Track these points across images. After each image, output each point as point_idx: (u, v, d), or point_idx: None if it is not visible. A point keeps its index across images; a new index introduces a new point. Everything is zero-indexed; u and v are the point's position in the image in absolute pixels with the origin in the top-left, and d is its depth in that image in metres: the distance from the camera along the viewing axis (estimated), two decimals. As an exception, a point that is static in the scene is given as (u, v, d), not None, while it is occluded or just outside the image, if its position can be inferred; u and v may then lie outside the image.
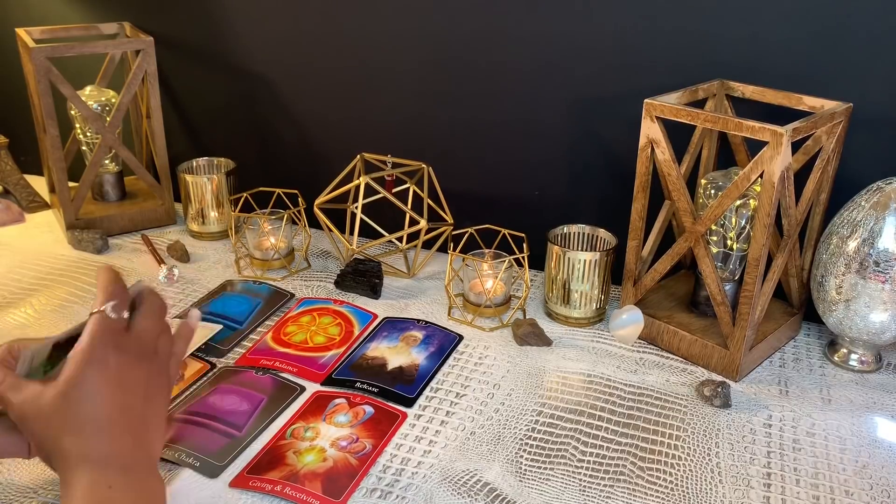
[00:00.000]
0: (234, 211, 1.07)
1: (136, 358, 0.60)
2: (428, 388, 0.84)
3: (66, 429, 0.56)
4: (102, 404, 0.57)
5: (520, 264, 0.98)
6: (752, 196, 0.86)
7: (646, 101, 0.83)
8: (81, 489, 0.55)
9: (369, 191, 1.05)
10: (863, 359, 0.88)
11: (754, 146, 0.87)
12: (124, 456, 0.57)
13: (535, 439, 0.76)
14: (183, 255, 1.10)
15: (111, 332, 0.59)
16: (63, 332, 0.63)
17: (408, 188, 1.06)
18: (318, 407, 0.80)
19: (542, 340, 0.92)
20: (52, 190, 1.21)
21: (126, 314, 0.60)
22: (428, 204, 1.03)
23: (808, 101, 0.86)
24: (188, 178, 1.14)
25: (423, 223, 1.01)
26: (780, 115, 0.86)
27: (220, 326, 0.93)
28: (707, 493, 0.70)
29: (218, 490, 0.69)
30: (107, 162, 1.21)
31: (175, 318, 0.95)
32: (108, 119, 1.14)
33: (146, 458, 0.59)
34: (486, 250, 0.99)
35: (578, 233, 1.00)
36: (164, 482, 0.64)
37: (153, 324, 0.62)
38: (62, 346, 0.62)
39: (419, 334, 0.93)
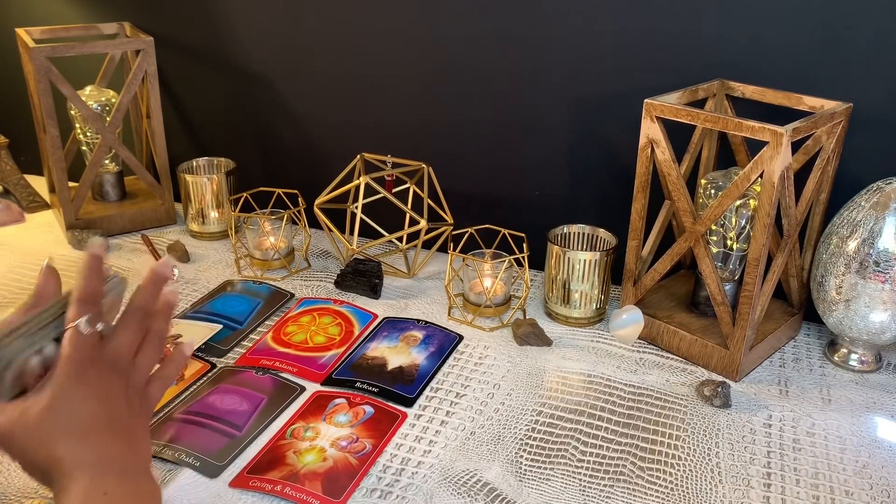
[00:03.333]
0: (234, 211, 1.07)
1: (112, 371, 0.60)
2: (428, 388, 0.84)
3: (58, 436, 0.56)
4: (90, 412, 0.57)
5: (520, 264, 0.98)
6: (752, 196, 0.86)
7: (646, 101, 0.83)
8: (77, 497, 0.54)
9: (369, 191, 1.05)
10: (863, 359, 0.88)
11: (754, 146, 0.87)
12: (118, 461, 0.57)
13: (535, 439, 0.76)
14: (183, 255, 1.10)
15: (87, 346, 0.59)
16: (35, 326, 0.60)
17: (408, 188, 1.06)
18: (318, 407, 0.80)
19: (542, 340, 0.92)
20: (52, 190, 1.21)
21: (100, 326, 0.60)
22: (428, 204, 1.03)
23: (808, 101, 0.86)
24: (188, 178, 1.14)
25: (423, 223, 1.01)
26: (780, 115, 0.86)
27: (220, 326, 0.93)
28: (707, 493, 0.70)
29: (218, 490, 0.69)
30: (107, 162, 1.21)
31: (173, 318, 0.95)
32: (108, 119, 1.14)
33: (139, 462, 0.59)
34: (486, 250, 0.99)
35: (578, 233, 1.00)
36: (160, 485, 0.63)
37: (130, 338, 0.62)
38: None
39: (419, 334, 0.93)
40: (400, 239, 1.04)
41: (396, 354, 0.89)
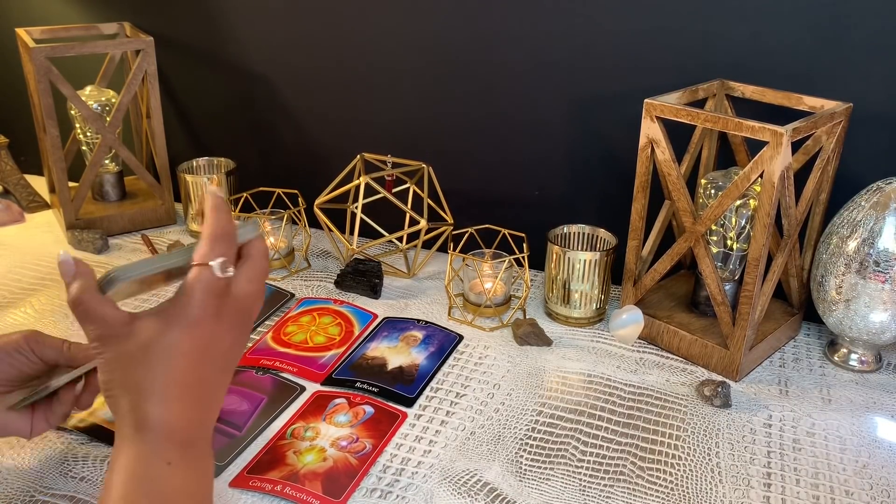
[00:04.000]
0: (235, 211, 1.07)
1: (230, 326, 0.56)
2: (428, 388, 0.84)
3: (135, 386, 0.52)
4: (181, 371, 0.53)
5: (520, 264, 0.98)
6: (752, 196, 0.86)
7: (646, 101, 0.83)
8: (137, 459, 0.52)
9: (369, 191, 1.05)
10: (863, 359, 0.88)
11: (754, 146, 0.87)
12: (188, 431, 0.54)
13: (535, 439, 0.76)
14: (183, 255, 1.10)
15: (214, 293, 0.54)
16: (158, 261, 0.56)
17: (408, 188, 1.06)
18: (318, 407, 0.80)
19: (542, 340, 0.92)
20: (52, 190, 1.21)
21: (231, 271, 0.55)
22: (428, 204, 1.03)
23: (808, 101, 0.86)
24: (188, 178, 1.14)
25: (423, 223, 1.01)
26: (780, 115, 0.86)
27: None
28: (707, 493, 0.70)
29: (218, 490, 0.69)
30: (107, 162, 1.21)
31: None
32: (108, 119, 1.14)
33: (205, 435, 0.56)
34: (486, 250, 0.99)
35: (578, 233, 1.00)
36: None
37: (256, 289, 0.57)
38: (154, 279, 0.58)
39: (419, 334, 0.93)
40: (400, 239, 1.04)
41: (396, 354, 0.89)
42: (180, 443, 0.54)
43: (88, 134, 1.19)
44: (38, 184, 1.28)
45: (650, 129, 0.84)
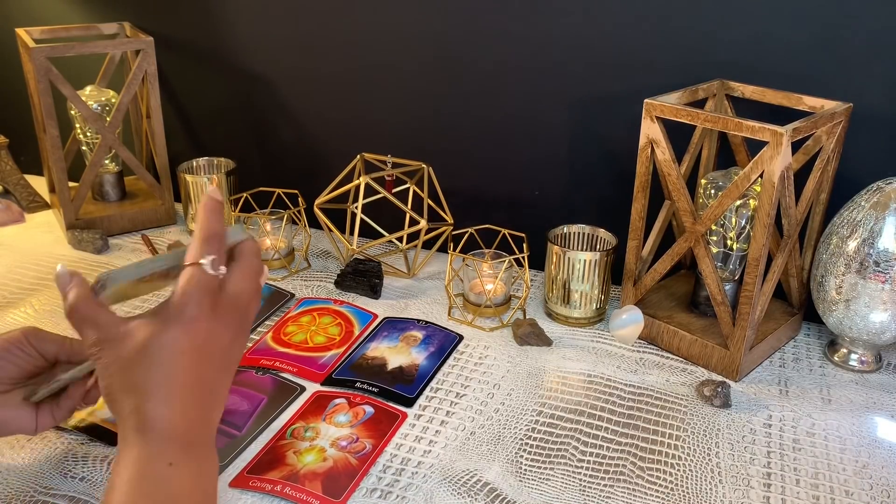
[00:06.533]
0: (234, 211, 1.07)
1: (226, 324, 0.55)
2: (428, 388, 0.84)
3: (135, 388, 0.52)
4: (180, 370, 0.53)
5: (520, 264, 0.98)
6: (752, 196, 0.86)
7: (646, 101, 0.83)
8: (139, 461, 0.51)
9: (369, 191, 1.05)
10: (863, 359, 0.88)
11: (754, 146, 0.87)
12: (190, 431, 0.54)
13: (535, 439, 0.76)
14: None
15: (208, 291, 0.54)
16: (149, 263, 0.57)
17: (408, 188, 1.06)
18: (318, 407, 0.80)
19: (543, 340, 0.92)
20: (52, 190, 1.21)
21: (223, 269, 0.56)
22: (428, 204, 1.03)
23: (808, 101, 0.86)
24: (188, 178, 1.14)
25: (423, 223, 1.01)
26: (780, 115, 0.86)
27: (220, 326, 0.93)
28: (707, 493, 0.70)
29: (218, 490, 0.69)
30: (107, 162, 1.21)
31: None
32: (108, 119, 1.14)
33: (208, 435, 0.56)
34: (486, 250, 0.99)
35: (578, 233, 1.00)
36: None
37: (250, 287, 0.57)
38: (146, 281, 0.58)
39: (419, 334, 0.93)
40: (400, 239, 1.04)
41: (396, 354, 0.89)
42: (182, 443, 0.54)
43: (88, 134, 1.19)
44: (38, 184, 1.28)
45: (650, 129, 0.84)
